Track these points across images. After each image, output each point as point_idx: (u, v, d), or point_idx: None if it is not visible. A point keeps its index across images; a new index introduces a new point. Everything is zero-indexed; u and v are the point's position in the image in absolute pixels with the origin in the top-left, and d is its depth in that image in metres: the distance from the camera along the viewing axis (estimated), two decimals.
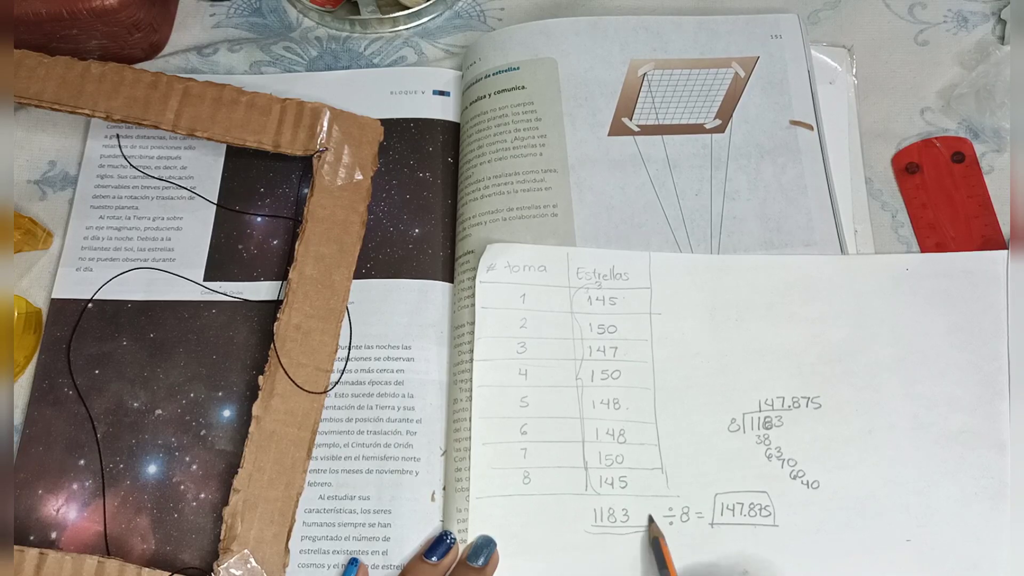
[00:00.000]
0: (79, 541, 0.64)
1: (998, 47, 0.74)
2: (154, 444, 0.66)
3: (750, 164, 0.70)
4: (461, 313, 0.67)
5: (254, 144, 0.71)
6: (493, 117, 0.72)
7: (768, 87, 0.73)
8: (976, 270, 0.66)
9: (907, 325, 0.64)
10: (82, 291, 0.71)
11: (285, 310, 0.66)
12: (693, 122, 0.72)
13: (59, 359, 0.69)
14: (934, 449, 0.61)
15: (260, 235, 0.72)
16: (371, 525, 0.63)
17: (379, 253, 0.70)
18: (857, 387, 0.63)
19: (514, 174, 0.70)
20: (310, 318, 0.67)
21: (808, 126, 0.71)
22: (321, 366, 0.66)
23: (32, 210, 0.74)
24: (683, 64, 0.74)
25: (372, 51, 0.80)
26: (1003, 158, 0.71)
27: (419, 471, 0.64)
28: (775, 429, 0.62)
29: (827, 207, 0.69)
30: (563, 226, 0.68)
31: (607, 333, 0.65)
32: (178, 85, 0.72)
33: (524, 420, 0.63)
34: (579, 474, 0.62)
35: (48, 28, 0.73)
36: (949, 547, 0.59)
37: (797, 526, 0.60)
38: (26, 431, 0.67)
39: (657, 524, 0.60)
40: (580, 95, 0.73)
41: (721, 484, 0.61)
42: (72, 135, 0.77)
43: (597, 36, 0.75)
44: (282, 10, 0.83)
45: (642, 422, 0.63)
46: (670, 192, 0.69)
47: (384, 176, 0.73)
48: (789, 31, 0.75)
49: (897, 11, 0.78)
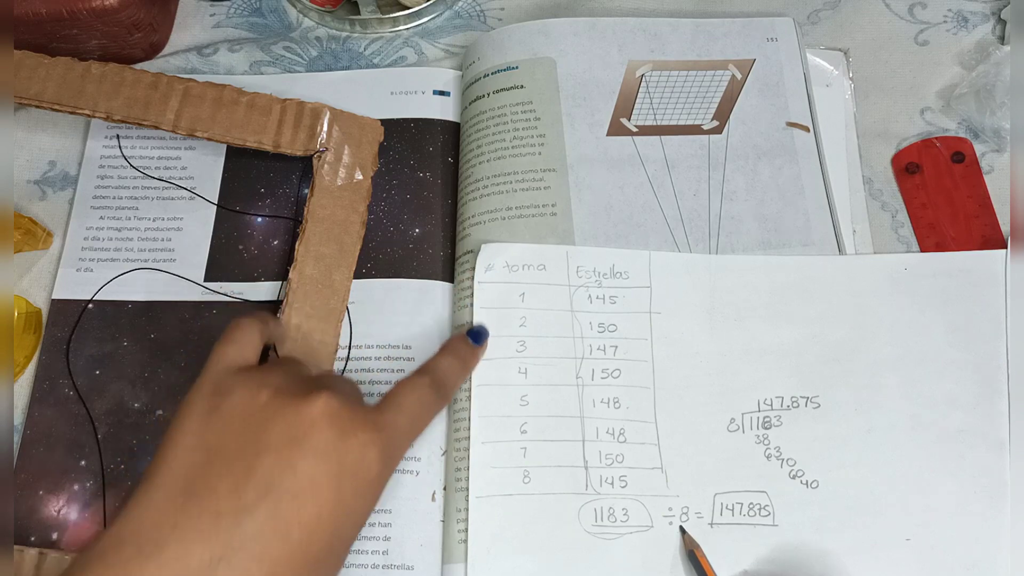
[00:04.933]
0: (80, 542, 0.64)
1: (998, 47, 0.74)
2: (155, 445, 0.66)
3: (747, 165, 0.70)
4: (462, 313, 0.67)
5: (254, 144, 0.71)
6: (492, 116, 0.72)
7: (765, 89, 0.73)
8: (975, 269, 0.66)
9: (906, 324, 0.64)
10: (82, 292, 0.71)
11: (285, 310, 0.66)
12: (691, 123, 0.72)
13: (59, 360, 0.69)
14: (934, 448, 0.61)
15: (260, 235, 0.72)
16: (371, 525, 0.63)
17: (379, 253, 0.70)
18: (856, 387, 0.63)
19: (513, 173, 0.70)
20: (310, 318, 0.67)
21: (804, 128, 0.71)
22: (321, 366, 0.66)
23: (32, 210, 0.74)
24: (681, 66, 0.74)
25: (372, 51, 0.80)
26: (1003, 158, 0.71)
27: (419, 471, 0.64)
28: (774, 429, 0.62)
29: (824, 207, 0.69)
30: (562, 225, 0.68)
31: (607, 332, 0.65)
32: (178, 85, 0.72)
33: (524, 419, 0.63)
34: (579, 473, 0.62)
35: (48, 28, 0.73)
36: (949, 546, 0.59)
37: (796, 525, 0.60)
38: (27, 432, 0.67)
39: (691, 535, 0.60)
40: (579, 95, 0.73)
41: (720, 484, 0.61)
42: (72, 135, 0.77)
43: (595, 37, 0.75)
44: (282, 10, 0.83)
45: (642, 421, 0.63)
46: (668, 192, 0.70)
47: (384, 176, 0.73)
48: (785, 34, 0.75)
49: (897, 11, 0.78)
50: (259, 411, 0.50)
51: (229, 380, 0.52)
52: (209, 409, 0.51)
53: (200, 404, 0.51)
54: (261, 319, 0.59)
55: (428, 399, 0.56)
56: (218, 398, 0.51)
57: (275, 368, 0.54)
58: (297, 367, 0.56)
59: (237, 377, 0.52)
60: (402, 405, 0.54)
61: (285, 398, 0.51)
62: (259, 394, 0.51)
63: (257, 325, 0.57)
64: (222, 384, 0.52)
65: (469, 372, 0.63)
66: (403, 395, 0.55)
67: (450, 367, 0.60)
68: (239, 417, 0.50)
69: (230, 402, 0.51)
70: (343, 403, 0.51)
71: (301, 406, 0.50)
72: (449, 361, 0.60)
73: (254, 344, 0.56)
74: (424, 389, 0.56)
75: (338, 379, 0.56)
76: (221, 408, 0.50)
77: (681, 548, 0.60)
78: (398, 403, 0.54)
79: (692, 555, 0.58)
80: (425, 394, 0.56)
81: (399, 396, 0.55)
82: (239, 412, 0.50)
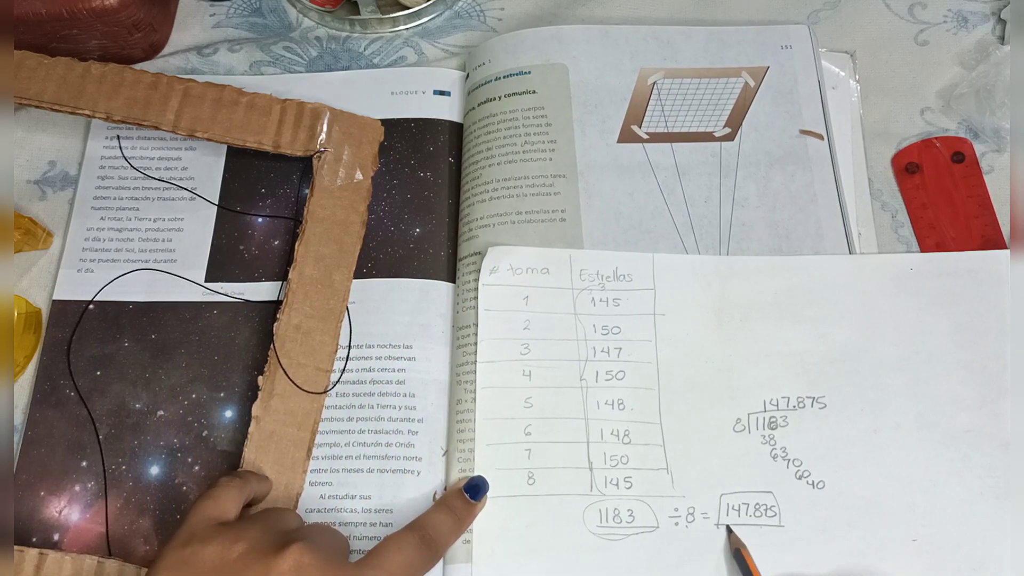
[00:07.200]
0: (81, 542, 0.64)
1: (998, 47, 0.74)
2: (156, 445, 0.66)
3: (759, 172, 0.71)
4: (466, 314, 0.67)
5: (254, 145, 0.71)
6: (503, 120, 0.72)
7: (778, 96, 0.73)
8: (979, 270, 0.66)
9: (911, 325, 0.65)
10: (83, 292, 0.71)
11: (285, 310, 0.66)
12: (703, 130, 0.72)
13: (60, 360, 0.69)
14: (939, 448, 0.61)
15: (261, 236, 0.72)
16: (372, 524, 0.63)
17: (380, 253, 0.70)
18: (862, 387, 0.63)
19: (523, 178, 0.70)
20: (310, 318, 0.67)
21: (818, 136, 0.71)
22: (321, 366, 0.66)
23: (32, 210, 0.74)
24: (693, 73, 0.74)
25: (372, 51, 0.80)
26: (1003, 158, 0.72)
27: (421, 471, 0.64)
28: (780, 429, 0.62)
29: (836, 215, 0.69)
30: (571, 231, 0.68)
31: (611, 334, 0.65)
32: (178, 86, 0.72)
33: (528, 421, 0.63)
34: (584, 475, 0.62)
35: (48, 28, 0.73)
36: (955, 546, 0.59)
37: (802, 526, 0.60)
38: (28, 433, 0.67)
39: (737, 535, 0.60)
40: (590, 102, 0.73)
41: (726, 484, 0.61)
42: (72, 135, 0.77)
43: (608, 44, 0.75)
44: (282, 10, 0.83)
45: (647, 422, 0.63)
46: (679, 199, 0.70)
47: (385, 176, 0.73)
48: (799, 42, 0.75)
49: (897, 11, 0.78)
50: (230, 565, 0.51)
51: (206, 532, 0.53)
52: (183, 559, 0.51)
53: (175, 554, 0.52)
54: (243, 478, 0.59)
55: (415, 559, 0.55)
56: (192, 548, 0.52)
57: (254, 522, 0.55)
58: (277, 519, 0.56)
59: (214, 530, 0.53)
60: (384, 564, 0.53)
61: (257, 552, 0.51)
62: (233, 548, 0.51)
63: (238, 484, 0.58)
64: (198, 535, 0.53)
65: (464, 529, 0.60)
66: (388, 553, 0.54)
67: (443, 524, 0.58)
68: (210, 570, 0.51)
69: (203, 554, 0.51)
70: (316, 558, 0.51)
71: (272, 560, 0.50)
72: (443, 518, 0.59)
73: (234, 501, 0.57)
74: (411, 549, 0.55)
75: (320, 530, 0.57)
76: (194, 559, 0.51)
77: (726, 547, 0.60)
78: (380, 561, 0.53)
79: (738, 553, 0.59)
80: (412, 554, 0.55)
81: (383, 554, 0.54)
82: (210, 565, 0.51)
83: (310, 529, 0.56)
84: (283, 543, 0.51)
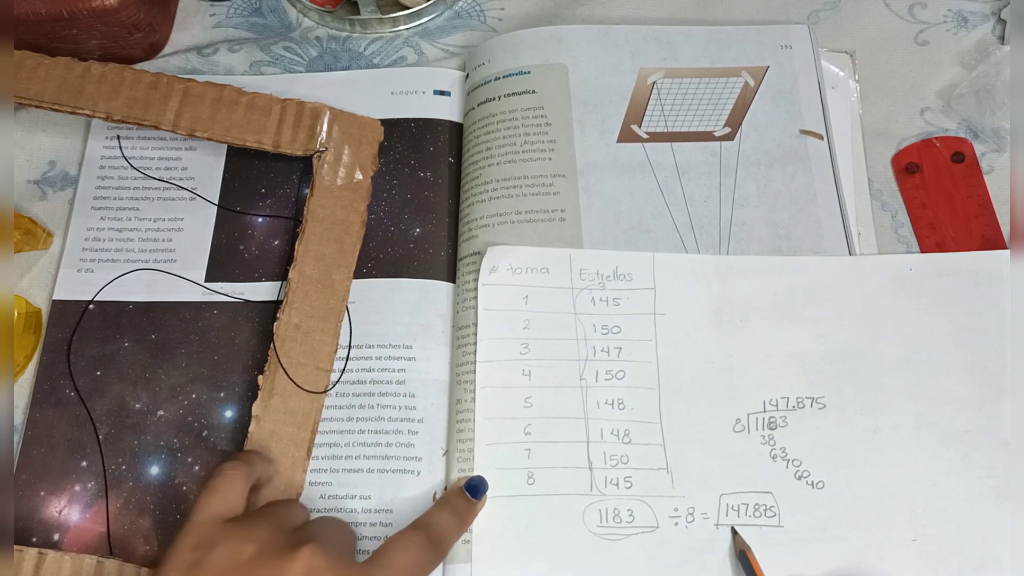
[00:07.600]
0: (82, 542, 0.64)
1: (998, 47, 0.74)
2: (156, 445, 0.66)
3: (759, 171, 0.71)
4: (466, 314, 0.67)
5: (254, 144, 0.71)
6: (503, 120, 0.72)
7: (778, 96, 0.73)
8: (979, 270, 0.66)
9: (911, 325, 0.65)
10: (83, 292, 0.71)
11: (285, 310, 0.66)
12: (702, 130, 0.72)
13: (60, 360, 0.69)
14: (939, 448, 0.61)
15: (261, 235, 0.72)
16: (372, 524, 0.63)
17: (380, 252, 0.70)
18: (862, 387, 0.63)
19: (523, 177, 0.70)
20: (310, 318, 0.67)
21: (818, 136, 0.71)
22: (321, 366, 0.66)
23: (32, 210, 0.74)
24: (693, 73, 0.74)
25: (372, 51, 0.80)
26: (1003, 158, 0.72)
27: (421, 471, 0.64)
28: (780, 429, 0.62)
29: (836, 215, 0.69)
30: (571, 231, 0.68)
31: (611, 334, 0.65)
32: (178, 85, 0.72)
33: (528, 421, 0.63)
34: (584, 474, 0.62)
35: (48, 28, 0.73)
36: (955, 546, 0.59)
37: (802, 526, 0.60)
38: (28, 433, 0.67)
39: (742, 536, 0.60)
40: (590, 101, 0.73)
41: (726, 485, 0.61)
42: (72, 135, 0.77)
43: (608, 44, 0.75)
44: (282, 10, 0.83)
45: (647, 422, 0.63)
46: (679, 198, 0.70)
47: (385, 176, 0.73)
48: (799, 41, 0.75)
49: (897, 11, 0.78)
50: (241, 569, 0.50)
51: (214, 532, 0.52)
52: (192, 562, 0.50)
53: (183, 556, 0.51)
54: (247, 462, 0.58)
55: (420, 558, 0.55)
56: (201, 551, 0.51)
57: (262, 520, 0.54)
58: (285, 516, 0.56)
59: (222, 529, 0.52)
60: (392, 564, 0.53)
61: (268, 555, 0.51)
62: (243, 550, 0.51)
63: (243, 471, 0.57)
64: (206, 536, 0.52)
65: (466, 527, 0.61)
66: (394, 553, 0.54)
67: (446, 522, 0.58)
68: (220, 573, 0.50)
69: (213, 557, 0.50)
70: (327, 560, 0.51)
71: (284, 564, 0.50)
72: (446, 516, 0.59)
73: (239, 492, 0.56)
74: (417, 548, 0.55)
75: (330, 527, 0.56)
76: (204, 563, 0.50)
77: (729, 548, 0.60)
78: (388, 561, 0.53)
79: (743, 555, 0.59)
80: (417, 552, 0.55)
81: (390, 553, 0.54)
82: (221, 568, 0.50)
83: (319, 526, 0.56)
84: (294, 544, 0.51)
